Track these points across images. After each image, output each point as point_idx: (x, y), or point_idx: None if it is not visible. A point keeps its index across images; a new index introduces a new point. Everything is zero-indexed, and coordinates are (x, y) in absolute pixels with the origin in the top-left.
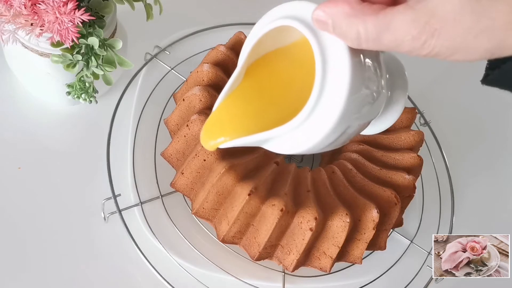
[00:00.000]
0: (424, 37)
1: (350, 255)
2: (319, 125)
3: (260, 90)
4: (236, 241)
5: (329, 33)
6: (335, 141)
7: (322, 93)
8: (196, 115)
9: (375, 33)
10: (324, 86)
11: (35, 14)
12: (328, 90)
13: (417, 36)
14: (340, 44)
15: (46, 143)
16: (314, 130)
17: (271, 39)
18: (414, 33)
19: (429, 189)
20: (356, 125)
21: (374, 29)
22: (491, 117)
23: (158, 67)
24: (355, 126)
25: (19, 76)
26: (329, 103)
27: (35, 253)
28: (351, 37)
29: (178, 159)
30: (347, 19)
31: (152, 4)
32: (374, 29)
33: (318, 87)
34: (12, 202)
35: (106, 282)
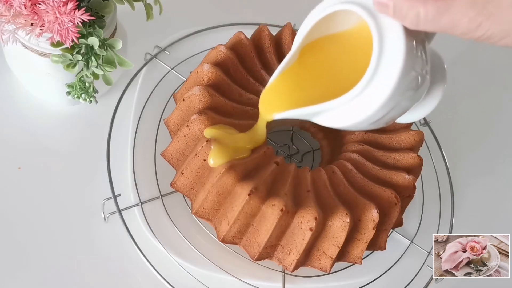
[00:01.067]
0: (480, 19)
1: (350, 255)
2: (371, 100)
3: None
4: (236, 241)
5: (389, 15)
6: (381, 118)
7: (377, 70)
8: (196, 115)
9: (434, 14)
10: (380, 63)
11: (35, 14)
12: (382, 68)
13: (473, 18)
14: (397, 27)
15: (46, 143)
16: (365, 104)
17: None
18: (471, 15)
19: (429, 189)
20: (402, 105)
21: (434, 11)
22: (491, 117)
23: (158, 67)
24: (401, 106)
25: (19, 76)
26: (383, 80)
27: (35, 253)
28: (411, 17)
29: (178, 159)
30: (408, 2)
31: (152, 4)
32: (434, 11)
33: (375, 64)
34: (12, 202)
35: (106, 282)
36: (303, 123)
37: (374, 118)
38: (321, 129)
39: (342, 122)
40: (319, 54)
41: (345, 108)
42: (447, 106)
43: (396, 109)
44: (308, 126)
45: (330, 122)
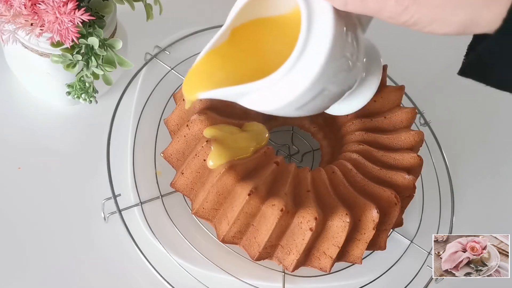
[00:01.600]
0: (407, 2)
1: (350, 255)
2: (297, 81)
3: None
4: (236, 241)
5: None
6: (308, 103)
7: (304, 52)
8: (196, 115)
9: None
10: (307, 46)
11: (35, 14)
12: (309, 50)
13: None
14: (328, 10)
15: (46, 143)
16: (290, 87)
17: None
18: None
19: (429, 189)
20: (331, 91)
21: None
22: (491, 117)
23: (158, 67)
24: (330, 91)
25: (19, 76)
26: (309, 62)
27: (35, 253)
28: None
29: (178, 159)
30: None
31: (152, 4)
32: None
33: (301, 46)
34: (12, 202)
35: (106, 282)
36: (303, 123)
37: (300, 102)
38: (321, 129)
39: (267, 105)
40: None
41: (270, 91)
42: (447, 106)
43: (324, 95)
44: (308, 126)
45: (254, 104)
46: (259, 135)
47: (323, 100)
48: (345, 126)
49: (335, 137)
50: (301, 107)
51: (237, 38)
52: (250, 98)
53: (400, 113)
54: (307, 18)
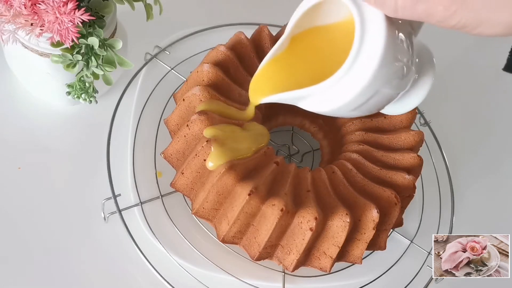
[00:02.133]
0: (455, 7)
1: (350, 255)
2: (350, 85)
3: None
4: (236, 241)
5: (370, 3)
6: (363, 105)
7: (358, 57)
8: (196, 115)
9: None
10: (361, 51)
11: (35, 14)
12: (363, 55)
13: (448, 6)
14: (379, 17)
15: (46, 143)
16: (346, 89)
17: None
18: (446, 3)
19: (429, 189)
20: (384, 93)
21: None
22: (491, 117)
23: (158, 67)
24: (382, 93)
25: (19, 76)
26: (363, 66)
27: (35, 253)
28: (389, 4)
29: (178, 159)
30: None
31: (152, 4)
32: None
33: (356, 50)
34: (12, 202)
35: (106, 282)
36: (303, 123)
37: (355, 104)
38: (321, 129)
39: (323, 106)
40: (309, 44)
41: (327, 93)
42: (447, 106)
43: (377, 96)
44: (308, 126)
45: (312, 106)
46: (260, 136)
47: (377, 102)
48: (345, 126)
49: (335, 137)
50: (356, 108)
51: (295, 46)
52: (308, 101)
53: None
54: (360, 25)
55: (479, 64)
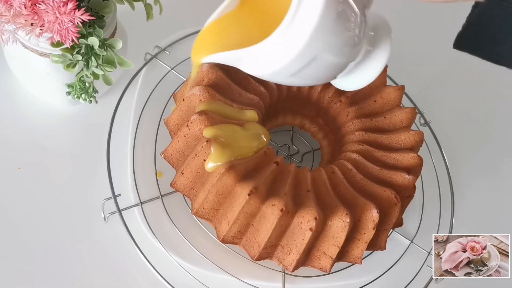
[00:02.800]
0: None
1: (350, 255)
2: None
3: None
4: (236, 241)
5: None
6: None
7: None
8: (196, 115)
9: None
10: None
11: (35, 14)
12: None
13: None
14: None
15: (46, 143)
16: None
17: None
18: None
19: (429, 189)
20: (326, 60)
21: None
22: (491, 117)
23: (158, 67)
24: (324, 60)
25: (19, 76)
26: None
27: (35, 253)
28: None
29: (178, 159)
30: None
31: (152, 4)
32: None
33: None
34: (12, 202)
35: (106, 282)
36: (303, 123)
37: (294, 68)
38: (321, 129)
39: (263, 69)
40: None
41: (265, 55)
42: (447, 106)
43: (318, 62)
44: (308, 126)
45: (252, 68)
46: (260, 136)
47: (318, 69)
48: (345, 126)
49: (335, 137)
50: (296, 73)
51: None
52: (248, 63)
53: (400, 113)
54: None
55: (479, 64)
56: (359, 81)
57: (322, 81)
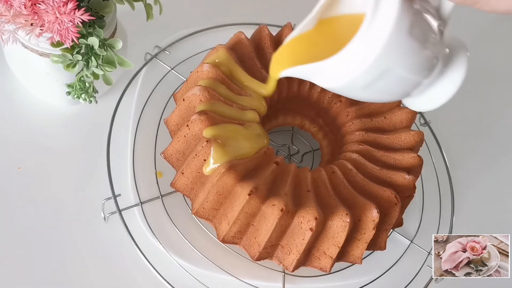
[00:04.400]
0: None
1: (350, 255)
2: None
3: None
4: (236, 241)
5: None
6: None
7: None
8: (196, 115)
9: None
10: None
11: (35, 14)
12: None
13: None
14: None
15: (46, 143)
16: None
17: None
18: None
19: (429, 189)
20: (397, 75)
21: None
22: (491, 117)
23: (158, 67)
24: (395, 74)
25: (19, 76)
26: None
27: (35, 253)
28: None
29: (178, 159)
30: None
31: (152, 4)
32: None
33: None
34: (12, 202)
35: (106, 282)
36: (303, 123)
37: (365, 80)
38: (321, 129)
39: (334, 81)
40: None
41: (338, 67)
42: (447, 106)
43: (390, 77)
44: (308, 126)
45: (325, 81)
46: (260, 136)
47: (390, 83)
48: (345, 126)
49: (335, 137)
50: (368, 86)
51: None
52: (323, 75)
53: (400, 113)
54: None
55: (479, 64)
56: (432, 101)
57: (394, 97)
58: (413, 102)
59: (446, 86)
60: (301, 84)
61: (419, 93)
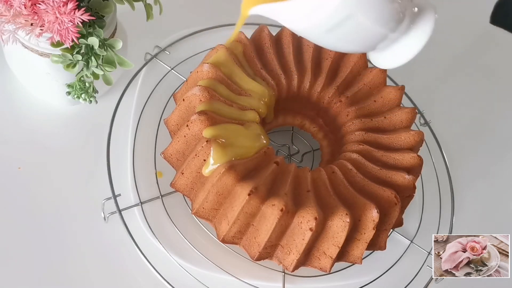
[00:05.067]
0: None
1: (350, 255)
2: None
3: None
4: (236, 241)
5: None
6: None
7: None
8: (196, 115)
9: None
10: None
11: (35, 14)
12: None
13: None
14: None
15: (46, 143)
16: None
17: None
18: None
19: (429, 189)
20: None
21: None
22: (491, 117)
23: (158, 67)
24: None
25: (19, 76)
26: None
27: (35, 253)
28: None
29: (178, 159)
30: None
31: (152, 4)
32: None
33: None
34: (12, 202)
35: (106, 281)
36: (303, 123)
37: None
38: (321, 129)
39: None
40: None
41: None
42: (447, 106)
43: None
44: (308, 126)
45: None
46: (260, 136)
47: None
48: (345, 126)
49: (335, 137)
50: (330, 30)
51: None
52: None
53: (400, 113)
54: None
55: (480, 64)
56: (396, 57)
57: (359, 47)
58: (377, 57)
59: (411, 42)
60: (301, 84)
61: (384, 48)
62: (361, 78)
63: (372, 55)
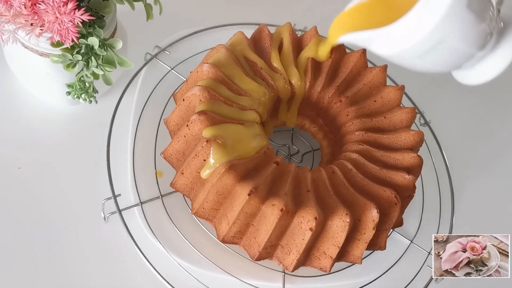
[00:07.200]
0: None
1: (350, 255)
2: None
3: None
4: (236, 241)
5: None
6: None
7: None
8: (196, 115)
9: None
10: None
11: (35, 14)
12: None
13: None
14: None
15: (46, 143)
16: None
17: None
18: None
19: (429, 189)
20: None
21: None
22: (491, 117)
23: (158, 67)
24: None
25: (19, 76)
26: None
27: (35, 253)
28: None
29: (178, 159)
30: None
31: (152, 4)
32: None
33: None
34: (12, 202)
35: (106, 282)
36: (303, 123)
37: (420, 49)
38: (321, 129)
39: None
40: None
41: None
42: (447, 106)
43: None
44: (308, 126)
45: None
46: (260, 136)
47: (444, 53)
48: (345, 126)
49: (335, 137)
50: (422, 55)
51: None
52: (379, 43)
53: (400, 113)
54: None
55: None
56: (481, 75)
57: (446, 68)
58: (462, 74)
59: (496, 61)
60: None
61: (470, 66)
62: (361, 78)
63: (456, 73)
